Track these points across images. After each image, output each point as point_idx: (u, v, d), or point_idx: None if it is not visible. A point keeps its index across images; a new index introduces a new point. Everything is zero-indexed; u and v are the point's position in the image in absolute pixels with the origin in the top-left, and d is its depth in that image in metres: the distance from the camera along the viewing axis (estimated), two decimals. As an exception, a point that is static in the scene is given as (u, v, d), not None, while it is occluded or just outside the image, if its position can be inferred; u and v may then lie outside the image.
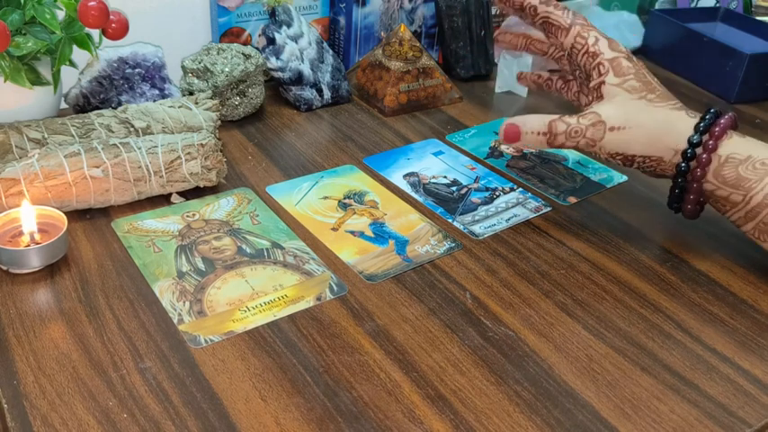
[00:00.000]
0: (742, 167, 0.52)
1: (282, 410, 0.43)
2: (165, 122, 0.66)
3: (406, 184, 0.68)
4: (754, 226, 0.53)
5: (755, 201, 0.52)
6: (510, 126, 0.59)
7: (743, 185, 0.53)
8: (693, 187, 0.55)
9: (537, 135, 0.59)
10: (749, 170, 0.52)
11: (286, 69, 0.79)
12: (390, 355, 0.48)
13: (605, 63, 0.59)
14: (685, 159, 0.55)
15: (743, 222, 0.54)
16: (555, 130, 0.58)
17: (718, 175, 0.53)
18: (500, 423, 0.43)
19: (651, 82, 0.58)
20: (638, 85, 0.57)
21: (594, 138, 0.57)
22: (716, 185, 0.54)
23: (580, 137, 0.57)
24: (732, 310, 0.54)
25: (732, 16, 1.06)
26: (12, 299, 0.51)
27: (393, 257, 0.58)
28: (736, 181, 0.53)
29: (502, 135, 0.60)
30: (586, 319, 0.52)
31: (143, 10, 0.80)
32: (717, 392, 0.47)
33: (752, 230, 0.54)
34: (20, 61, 0.62)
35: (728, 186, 0.53)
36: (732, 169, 0.53)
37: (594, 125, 0.57)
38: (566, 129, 0.58)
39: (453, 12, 0.91)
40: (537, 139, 0.59)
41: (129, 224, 0.60)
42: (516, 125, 0.59)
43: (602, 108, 0.58)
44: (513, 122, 0.59)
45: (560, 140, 0.58)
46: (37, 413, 0.42)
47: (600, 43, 0.60)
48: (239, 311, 0.51)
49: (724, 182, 0.53)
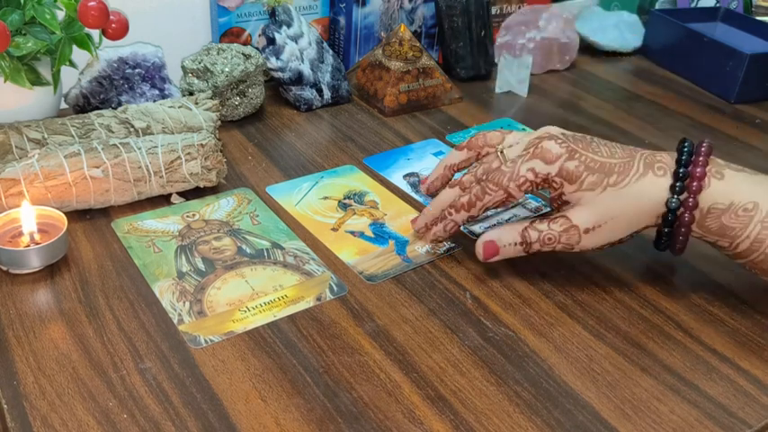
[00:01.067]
0: (725, 217, 0.51)
1: (282, 411, 0.43)
2: (165, 123, 0.66)
3: (406, 185, 0.68)
4: (743, 263, 0.53)
5: (742, 247, 0.51)
6: (486, 243, 0.56)
7: (728, 234, 0.51)
8: (680, 240, 0.53)
9: (513, 246, 0.55)
10: (732, 219, 0.50)
11: (286, 69, 0.79)
12: (390, 356, 0.48)
13: (555, 179, 0.53)
14: (667, 224, 0.52)
15: (734, 259, 0.53)
16: (528, 239, 0.54)
17: (702, 225, 0.52)
18: (500, 423, 0.43)
19: (604, 162, 0.52)
20: (596, 177, 0.52)
21: (571, 242, 0.53)
22: (701, 234, 0.52)
23: (555, 243, 0.54)
24: (732, 310, 0.54)
25: (732, 16, 1.06)
26: (12, 299, 0.51)
27: (393, 258, 0.58)
28: (721, 230, 0.51)
29: (480, 253, 0.56)
30: (586, 320, 0.52)
31: (143, 10, 0.80)
32: (717, 393, 0.47)
33: (744, 265, 0.53)
34: (20, 61, 0.62)
35: (714, 235, 0.52)
36: (715, 220, 0.51)
37: (567, 231, 0.53)
38: (538, 236, 0.54)
39: (453, 12, 0.91)
40: (515, 250, 0.55)
41: (129, 224, 0.60)
42: (492, 240, 0.56)
43: (572, 212, 0.53)
44: (489, 239, 0.56)
45: (536, 248, 0.55)
46: (37, 414, 0.42)
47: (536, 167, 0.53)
48: (239, 312, 0.51)
49: (708, 231, 0.52)
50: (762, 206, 0.50)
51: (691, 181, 0.51)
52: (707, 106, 0.91)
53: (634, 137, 0.81)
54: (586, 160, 0.52)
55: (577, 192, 0.53)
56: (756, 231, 0.50)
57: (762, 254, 0.51)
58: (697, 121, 0.87)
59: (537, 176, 0.53)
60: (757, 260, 0.51)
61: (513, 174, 0.54)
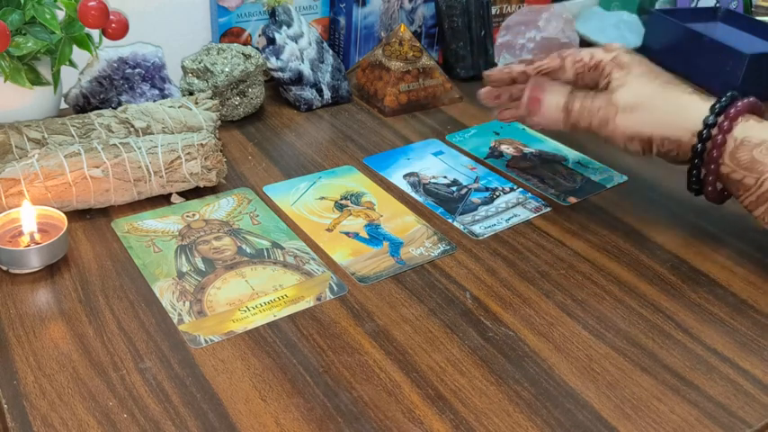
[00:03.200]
0: (756, 151, 0.53)
1: (282, 411, 0.43)
2: (165, 122, 0.66)
3: (406, 185, 0.68)
4: (764, 210, 0.54)
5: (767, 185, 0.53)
6: (532, 98, 0.61)
7: (756, 168, 0.53)
8: (711, 168, 0.56)
9: (556, 110, 0.61)
10: (763, 153, 0.53)
11: (286, 69, 0.79)
12: (390, 356, 0.48)
13: (607, 65, 0.60)
14: (701, 140, 0.55)
15: (754, 207, 0.55)
16: (570, 106, 0.60)
17: (733, 157, 0.54)
18: (500, 423, 0.43)
19: (656, 69, 0.60)
20: (644, 70, 0.59)
21: (607, 117, 0.58)
22: (731, 168, 0.55)
23: (593, 116, 0.59)
24: (732, 310, 0.54)
25: (732, 16, 1.06)
26: (12, 299, 0.51)
27: (386, 259, 0.58)
28: (750, 164, 0.53)
29: (524, 105, 0.62)
30: (586, 320, 0.52)
31: (143, 10, 0.80)
32: (717, 393, 0.47)
33: (762, 215, 0.54)
34: (20, 61, 0.62)
35: (742, 169, 0.54)
36: (747, 152, 0.53)
37: (606, 105, 0.58)
38: (580, 107, 0.59)
39: (453, 12, 0.91)
40: (555, 114, 0.61)
41: (129, 224, 0.60)
42: (538, 98, 0.61)
43: (615, 92, 0.59)
44: (535, 95, 0.62)
45: (575, 117, 0.60)
46: (37, 413, 0.42)
47: (595, 54, 0.61)
48: (239, 311, 0.51)
49: (738, 164, 0.54)
50: None
51: (730, 108, 0.55)
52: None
53: (634, 137, 0.81)
54: (642, 61, 0.60)
55: (625, 77, 0.58)
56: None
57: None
58: (697, 120, 0.87)
59: (592, 59, 0.60)
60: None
61: (575, 52, 0.62)
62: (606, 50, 0.61)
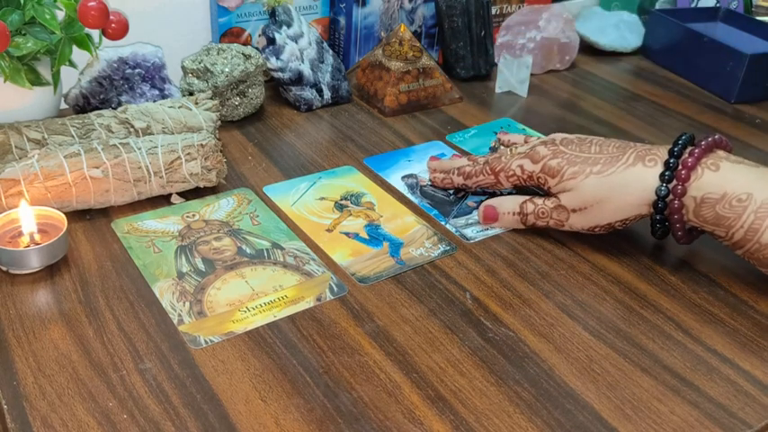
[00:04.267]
0: (719, 207, 0.52)
1: (282, 411, 0.43)
2: (165, 123, 0.66)
3: (403, 186, 0.68)
4: (743, 254, 0.54)
5: (737, 237, 0.52)
6: (487, 207, 0.62)
7: (723, 224, 0.52)
8: (677, 227, 0.55)
9: (512, 215, 0.61)
10: (726, 209, 0.52)
11: (286, 69, 0.79)
12: (390, 356, 0.48)
13: (540, 176, 0.59)
14: (657, 211, 0.55)
15: (733, 249, 0.54)
16: (525, 210, 0.61)
17: (698, 215, 0.53)
18: (500, 424, 0.43)
19: (589, 157, 0.57)
20: (577, 167, 0.57)
21: (561, 219, 0.59)
22: (698, 223, 0.54)
23: (548, 218, 0.60)
24: (733, 311, 0.54)
25: (732, 16, 1.06)
26: (11, 299, 0.51)
27: (386, 260, 0.58)
28: (716, 220, 0.52)
29: (481, 216, 0.62)
30: (587, 320, 0.52)
31: (143, 10, 0.80)
32: (717, 393, 0.47)
33: (743, 256, 0.54)
34: (20, 61, 0.62)
35: (710, 224, 0.53)
36: (710, 209, 0.52)
37: (556, 209, 0.59)
38: (534, 209, 0.60)
39: (453, 12, 0.90)
40: (512, 219, 0.61)
41: (129, 224, 0.60)
42: (493, 206, 0.62)
43: (562, 195, 0.58)
44: (490, 204, 0.62)
45: (531, 220, 0.60)
46: (37, 414, 0.42)
47: (524, 164, 0.60)
48: (239, 312, 0.51)
49: (705, 221, 0.53)
50: (756, 197, 0.51)
51: (680, 169, 0.53)
52: (707, 106, 0.91)
53: (634, 137, 0.81)
54: (570, 157, 0.58)
55: (560, 183, 0.58)
56: (750, 221, 0.51)
57: (756, 243, 0.51)
58: (697, 120, 0.87)
59: (523, 172, 0.61)
60: (752, 249, 0.52)
61: (506, 166, 0.62)
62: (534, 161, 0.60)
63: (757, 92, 0.92)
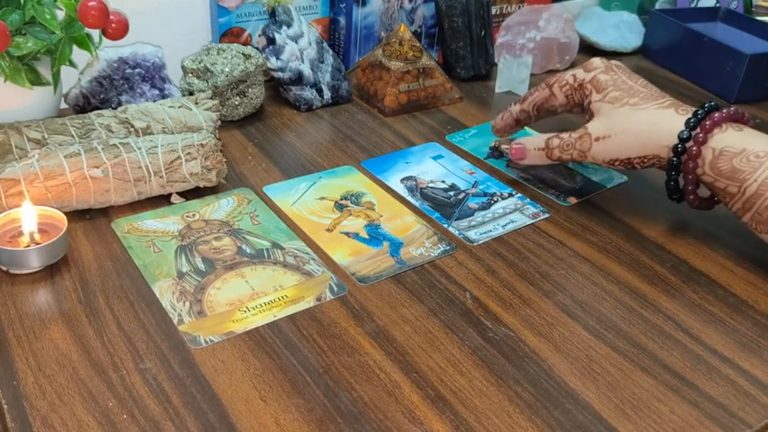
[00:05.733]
0: (736, 160, 0.54)
1: (282, 411, 0.43)
2: (165, 122, 0.66)
3: (403, 188, 0.68)
4: (751, 216, 0.55)
5: (750, 191, 0.54)
6: (516, 147, 0.67)
7: (737, 177, 0.54)
8: (689, 179, 0.58)
9: (538, 151, 0.66)
10: (743, 162, 0.54)
11: (286, 69, 0.79)
12: (390, 356, 0.48)
13: (587, 85, 0.64)
14: (676, 154, 0.57)
15: (742, 213, 0.56)
16: (551, 145, 0.65)
17: (714, 167, 0.55)
18: (500, 424, 0.43)
19: (633, 87, 0.61)
20: (618, 93, 0.61)
21: (583, 149, 0.62)
22: (713, 177, 0.56)
23: (572, 149, 0.63)
24: (732, 310, 0.54)
25: (732, 16, 1.06)
26: (12, 299, 0.51)
27: (386, 259, 0.58)
28: (731, 173, 0.55)
29: (511, 153, 0.68)
30: (587, 320, 0.52)
31: (143, 10, 0.80)
32: (717, 393, 0.47)
33: (750, 221, 0.55)
34: (20, 61, 0.62)
35: (724, 178, 0.55)
36: (726, 162, 0.55)
37: (581, 137, 0.62)
38: (559, 143, 0.64)
39: (453, 12, 0.90)
40: (538, 154, 0.66)
41: (129, 224, 0.60)
42: (521, 143, 0.67)
43: (590, 123, 0.63)
44: (518, 142, 0.68)
45: (556, 154, 0.65)
46: (37, 414, 0.42)
47: (577, 73, 0.65)
48: (239, 312, 0.51)
49: (720, 174, 0.55)
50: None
51: (706, 121, 0.56)
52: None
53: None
54: (618, 80, 0.62)
55: (600, 102, 0.62)
56: (765, 175, 0.53)
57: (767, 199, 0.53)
58: (697, 121, 0.87)
59: (575, 80, 0.65)
60: (762, 208, 0.53)
61: (560, 76, 0.66)
62: (587, 70, 0.65)
63: (757, 92, 0.92)
